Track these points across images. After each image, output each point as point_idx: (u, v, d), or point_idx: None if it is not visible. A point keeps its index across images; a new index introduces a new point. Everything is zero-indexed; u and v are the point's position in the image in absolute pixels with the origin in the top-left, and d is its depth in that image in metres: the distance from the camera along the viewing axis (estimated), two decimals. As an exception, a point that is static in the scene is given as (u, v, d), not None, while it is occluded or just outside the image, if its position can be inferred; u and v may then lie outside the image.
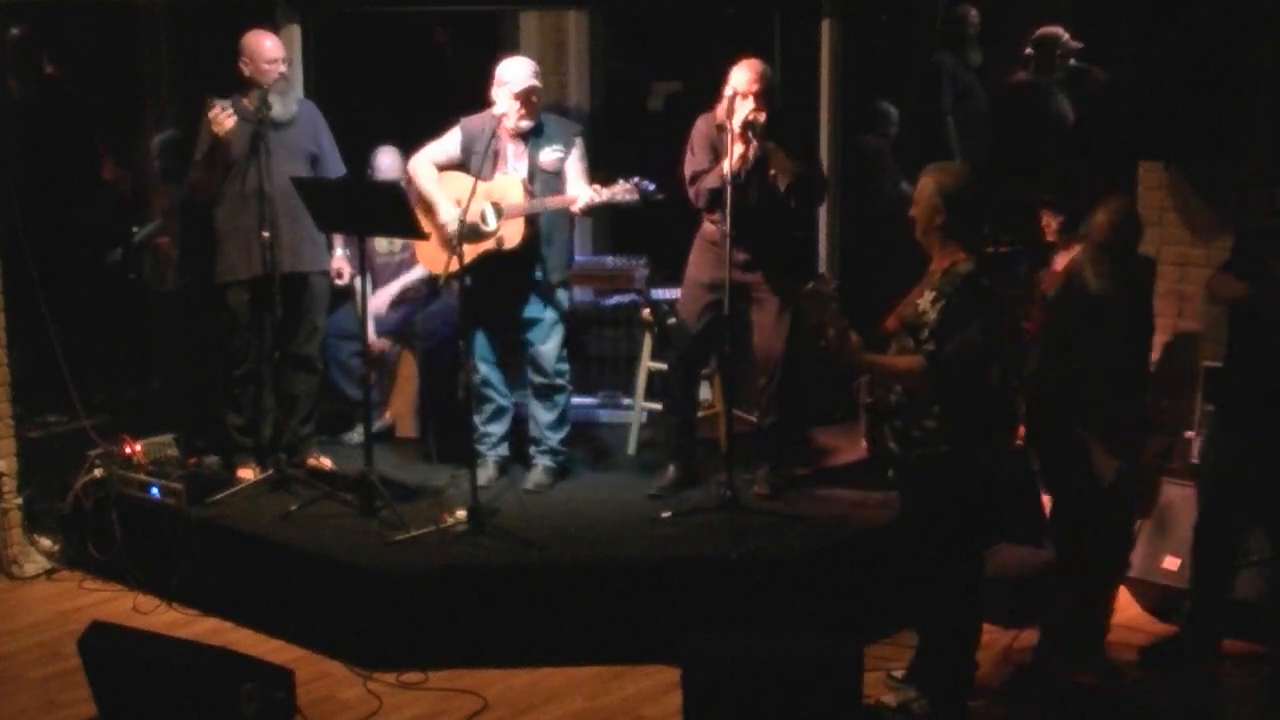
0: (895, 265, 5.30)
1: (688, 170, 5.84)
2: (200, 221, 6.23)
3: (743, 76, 5.64)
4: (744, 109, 5.60)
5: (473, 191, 5.62)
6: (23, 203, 6.33)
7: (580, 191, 5.86)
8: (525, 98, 5.84)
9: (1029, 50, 7.73)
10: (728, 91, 5.65)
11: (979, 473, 4.59)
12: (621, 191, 5.78)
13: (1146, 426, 5.39)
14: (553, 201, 5.89)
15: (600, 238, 7.71)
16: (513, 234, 5.84)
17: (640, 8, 7.78)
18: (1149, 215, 6.05)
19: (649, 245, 7.10)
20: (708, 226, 5.88)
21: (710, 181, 5.73)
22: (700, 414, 6.34)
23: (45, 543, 6.33)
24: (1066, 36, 7.67)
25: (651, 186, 5.82)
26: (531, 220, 5.90)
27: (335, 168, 6.21)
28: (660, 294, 6.64)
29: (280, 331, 6.05)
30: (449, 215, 5.86)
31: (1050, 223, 5.75)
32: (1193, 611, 5.28)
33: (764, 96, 5.62)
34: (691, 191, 5.84)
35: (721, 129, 5.69)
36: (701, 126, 5.85)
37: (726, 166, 5.61)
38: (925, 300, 4.52)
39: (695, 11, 7.51)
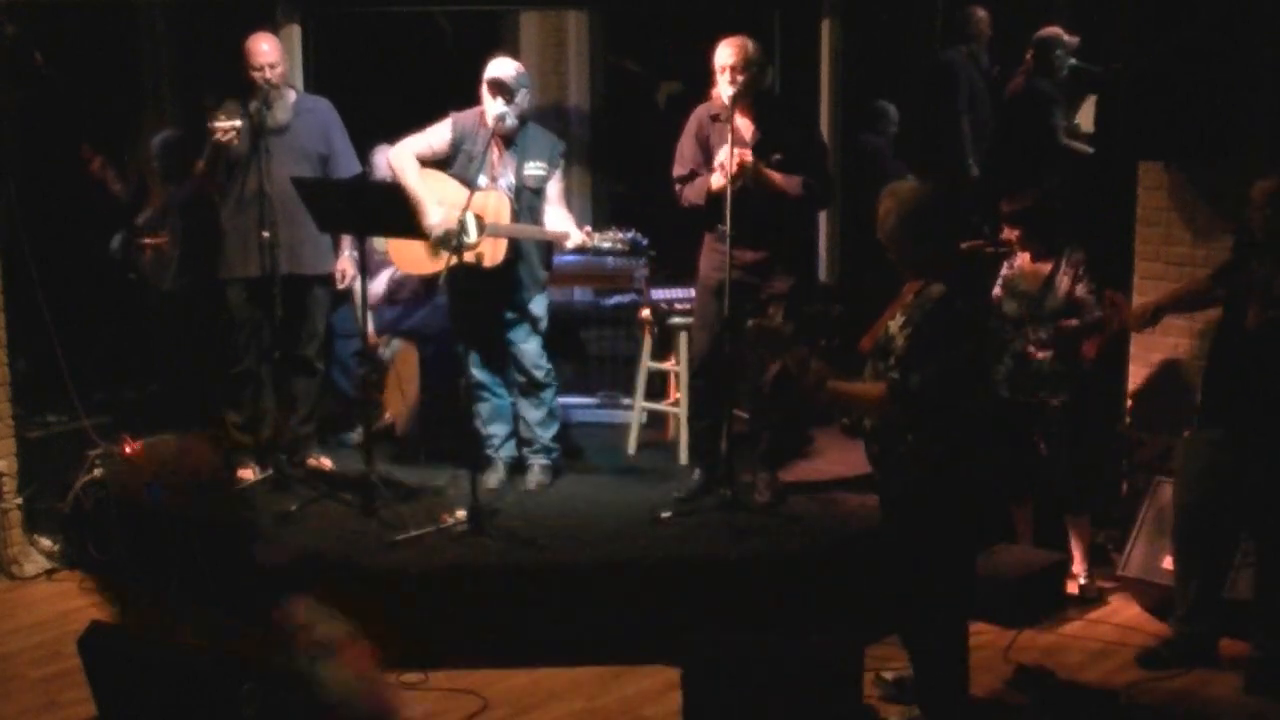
0: (895, 265, 5.29)
1: (674, 171, 5.79)
2: (200, 221, 6.23)
3: (721, 52, 5.56)
4: (726, 88, 5.53)
5: (469, 200, 5.62)
6: (22, 201, 6.33)
7: (571, 230, 5.79)
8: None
9: (1030, 53, 7.69)
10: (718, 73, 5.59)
11: (952, 497, 4.49)
12: (614, 240, 5.74)
13: None
14: (541, 233, 5.83)
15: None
16: (494, 253, 5.79)
17: (641, 8, 7.78)
18: (1149, 215, 6.07)
19: (649, 245, 7.08)
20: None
21: (693, 197, 5.69)
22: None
23: (45, 543, 6.32)
24: (1066, 37, 7.62)
25: (645, 242, 5.88)
26: (514, 242, 5.86)
27: (348, 167, 6.18)
28: (660, 294, 6.62)
29: (280, 332, 6.05)
30: (435, 219, 5.83)
31: (1010, 235, 5.75)
32: (1185, 614, 5.26)
33: (742, 70, 5.52)
34: (677, 191, 5.80)
35: (716, 118, 5.66)
36: (693, 120, 5.78)
37: (715, 180, 5.56)
38: (895, 324, 4.42)
39: (695, 11, 7.51)
